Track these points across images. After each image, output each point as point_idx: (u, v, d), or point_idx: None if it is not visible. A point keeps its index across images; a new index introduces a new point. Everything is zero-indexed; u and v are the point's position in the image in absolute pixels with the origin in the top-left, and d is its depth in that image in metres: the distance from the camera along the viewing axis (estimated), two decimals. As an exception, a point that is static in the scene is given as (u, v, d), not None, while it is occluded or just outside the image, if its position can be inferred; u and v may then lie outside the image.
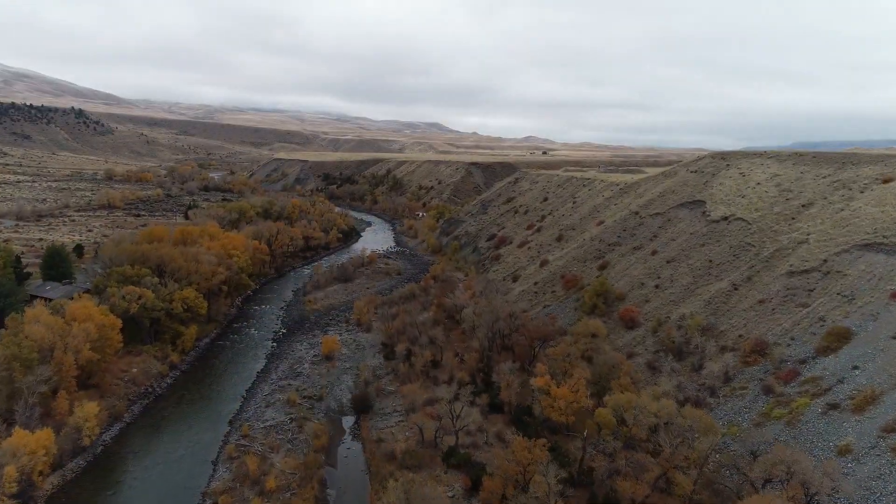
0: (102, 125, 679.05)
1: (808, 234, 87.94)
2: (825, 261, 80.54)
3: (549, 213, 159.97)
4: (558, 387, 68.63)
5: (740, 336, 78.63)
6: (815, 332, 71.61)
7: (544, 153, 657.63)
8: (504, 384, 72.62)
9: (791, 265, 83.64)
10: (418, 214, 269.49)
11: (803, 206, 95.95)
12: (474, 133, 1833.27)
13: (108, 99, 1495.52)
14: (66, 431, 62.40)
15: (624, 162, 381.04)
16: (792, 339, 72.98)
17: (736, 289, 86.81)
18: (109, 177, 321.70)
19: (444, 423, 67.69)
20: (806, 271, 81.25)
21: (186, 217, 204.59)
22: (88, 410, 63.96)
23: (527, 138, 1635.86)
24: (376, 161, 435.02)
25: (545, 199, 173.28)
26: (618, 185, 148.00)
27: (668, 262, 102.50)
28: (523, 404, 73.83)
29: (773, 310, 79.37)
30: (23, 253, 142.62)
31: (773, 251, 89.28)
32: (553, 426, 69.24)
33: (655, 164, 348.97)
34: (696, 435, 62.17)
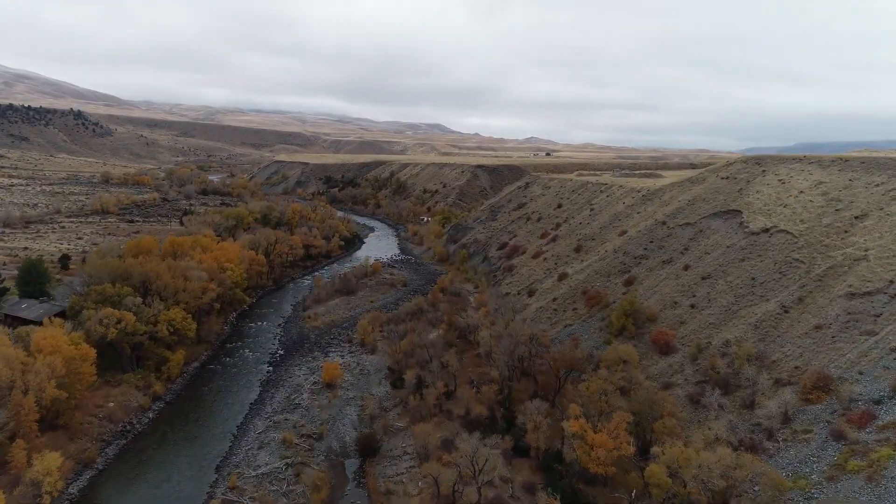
0: (101, 127, 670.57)
1: (867, 250, 78.43)
2: (891, 282, 71.05)
3: (565, 221, 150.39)
4: (595, 431, 59.36)
5: (797, 368, 69.11)
6: (888, 365, 62.13)
7: (548, 154, 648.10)
8: (531, 426, 63.30)
9: (850, 286, 74.13)
10: (423, 219, 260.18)
11: (856, 217, 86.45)
12: (476, 134, 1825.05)
13: (109, 100, 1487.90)
14: (21, 490, 53.15)
15: (632, 164, 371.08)
16: (860, 373, 63.45)
17: (787, 311, 77.29)
18: (106, 180, 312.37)
19: (463, 472, 58.43)
20: (869, 293, 71.73)
21: (181, 223, 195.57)
22: (50, 463, 54.56)
23: (529, 139, 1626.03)
24: (379, 163, 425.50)
25: (559, 206, 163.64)
26: (639, 191, 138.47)
27: (703, 278, 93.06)
28: (552, 448, 64.53)
29: (833, 337, 69.87)
30: (4, 265, 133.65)
31: (826, 269, 79.80)
32: (588, 476, 59.98)
33: (665, 167, 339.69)
34: (758, 488, 53.33)
